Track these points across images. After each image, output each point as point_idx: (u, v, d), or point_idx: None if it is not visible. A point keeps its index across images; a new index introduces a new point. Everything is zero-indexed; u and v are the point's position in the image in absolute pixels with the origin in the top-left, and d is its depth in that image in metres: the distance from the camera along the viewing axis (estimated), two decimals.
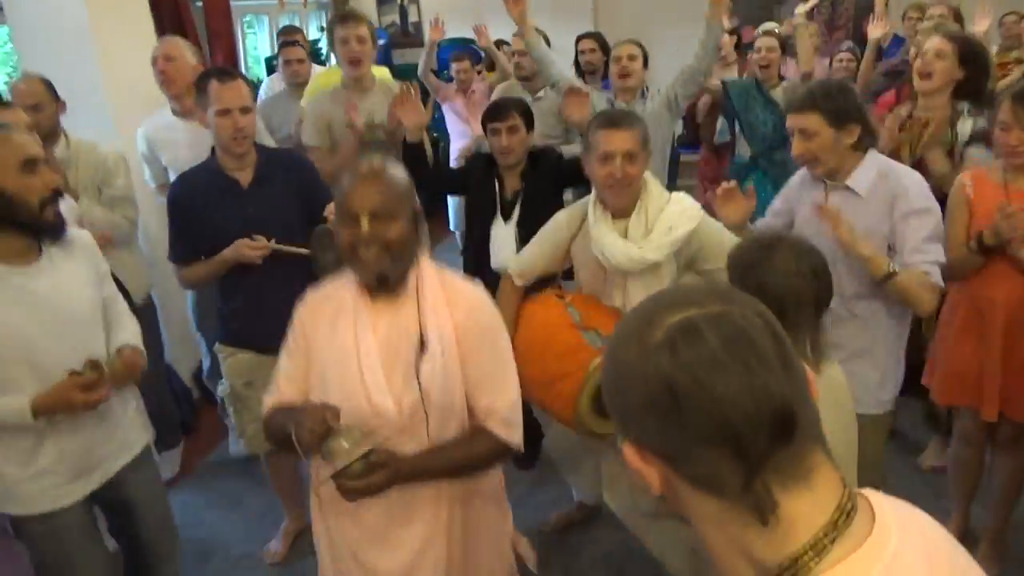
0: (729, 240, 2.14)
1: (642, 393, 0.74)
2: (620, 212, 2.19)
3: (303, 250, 2.41)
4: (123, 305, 2.11)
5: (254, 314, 2.48)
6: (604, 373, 0.82)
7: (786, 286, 1.55)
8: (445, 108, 4.92)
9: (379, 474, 1.50)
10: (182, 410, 3.62)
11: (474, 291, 1.69)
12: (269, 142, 3.29)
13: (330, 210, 2.34)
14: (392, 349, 1.58)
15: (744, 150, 3.89)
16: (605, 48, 4.25)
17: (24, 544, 1.98)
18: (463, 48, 5.14)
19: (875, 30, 3.87)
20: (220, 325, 2.63)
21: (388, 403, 1.56)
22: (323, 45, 7.33)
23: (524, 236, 2.74)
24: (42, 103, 2.81)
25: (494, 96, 4.27)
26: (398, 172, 1.61)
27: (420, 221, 1.63)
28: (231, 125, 2.35)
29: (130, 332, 2.05)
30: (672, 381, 0.71)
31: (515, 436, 1.67)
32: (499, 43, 4.90)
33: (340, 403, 1.55)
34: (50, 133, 2.82)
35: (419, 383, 1.56)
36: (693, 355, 0.71)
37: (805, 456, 0.73)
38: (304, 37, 4.58)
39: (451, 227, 5.42)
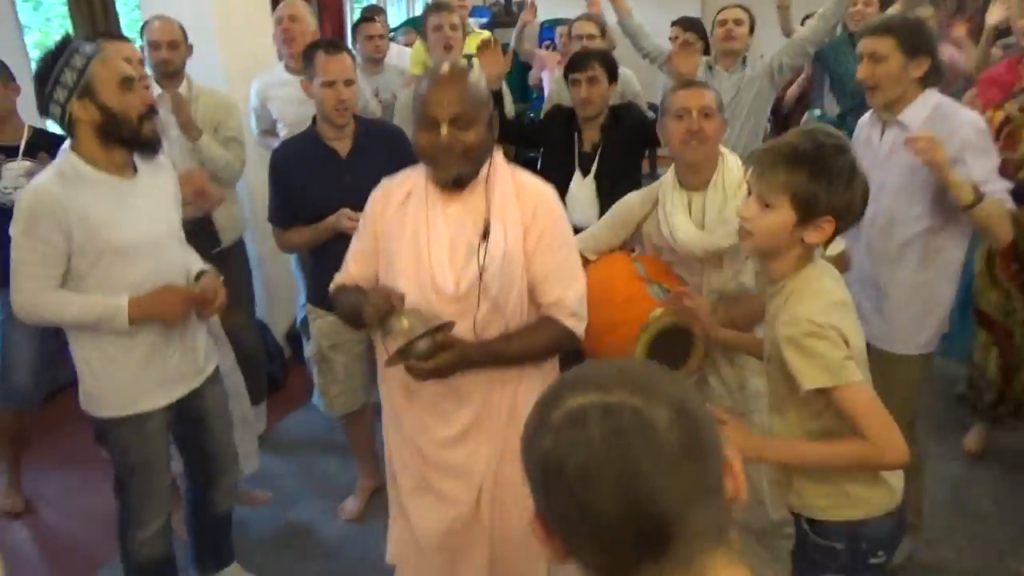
0: None
1: (532, 466, 0.73)
2: (695, 184, 2.13)
3: None
4: (182, 234, 2.20)
5: None
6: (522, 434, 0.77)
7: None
8: (543, 76, 4.91)
9: (445, 356, 1.59)
10: (273, 366, 3.76)
11: (543, 187, 1.75)
12: (375, 109, 3.40)
13: None
14: (458, 232, 1.67)
15: (832, 107, 3.74)
16: (704, 35, 4.14)
17: (108, 449, 2.14)
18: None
19: (992, 14, 3.62)
20: (311, 286, 2.71)
21: (448, 281, 1.65)
22: None
23: (603, 189, 2.72)
24: (178, 41, 2.99)
25: None
26: (477, 76, 1.65)
27: (494, 123, 1.68)
28: (335, 96, 2.42)
29: (195, 257, 2.19)
30: (548, 465, 0.70)
31: (580, 326, 1.74)
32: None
33: (404, 280, 1.65)
34: (178, 72, 2.99)
35: (479, 263, 1.63)
36: (571, 445, 0.68)
37: (688, 567, 0.69)
38: (384, 17, 4.65)
39: None
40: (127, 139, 1.89)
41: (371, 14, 4.41)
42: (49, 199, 1.82)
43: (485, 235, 1.64)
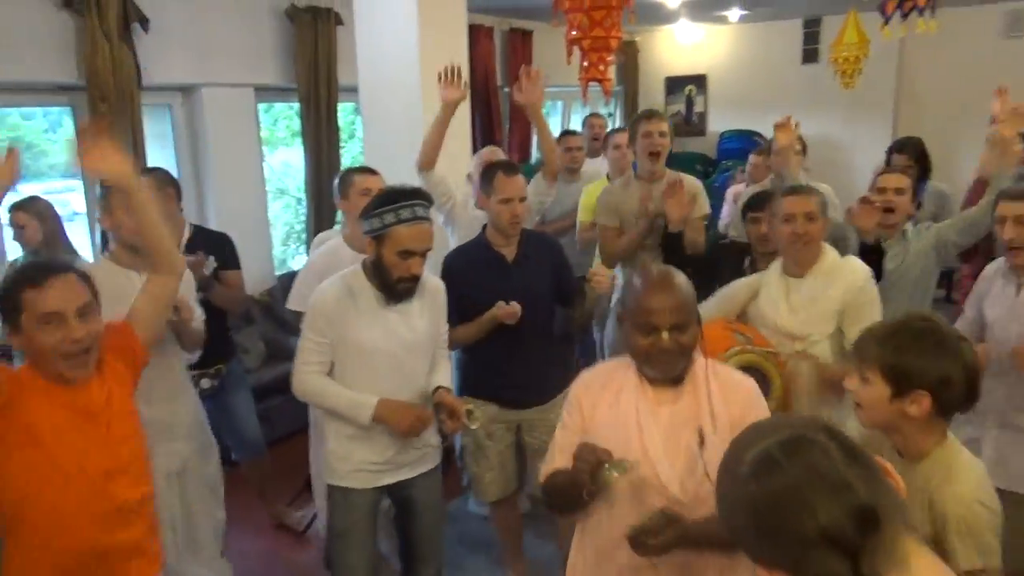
0: (873, 314, 2.33)
1: (744, 518, 0.88)
2: (796, 273, 2.46)
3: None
4: (446, 350, 2.50)
5: (499, 370, 2.74)
6: (717, 506, 0.95)
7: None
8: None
9: (670, 531, 1.60)
10: None
11: (746, 382, 1.79)
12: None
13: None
14: (674, 437, 1.69)
15: None
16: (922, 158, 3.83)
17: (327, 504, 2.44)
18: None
19: None
20: (461, 377, 2.86)
21: (673, 481, 1.67)
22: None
23: None
24: None
25: None
26: (683, 278, 1.72)
27: (700, 321, 1.72)
28: (510, 212, 2.68)
29: (444, 373, 2.46)
30: (760, 505, 0.86)
31: None
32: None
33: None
34: None
35: (707, 472, 1.61)
36: (772, 480, 0.86)
37: (897, 542, 0.85)
38: (603, 123, 4.97)
39: None
40: (382, 284, 2.24)
41: (594, 119, 4.89)
42: (324, 301, 2.24)
43: (701, 442, 1.65)
